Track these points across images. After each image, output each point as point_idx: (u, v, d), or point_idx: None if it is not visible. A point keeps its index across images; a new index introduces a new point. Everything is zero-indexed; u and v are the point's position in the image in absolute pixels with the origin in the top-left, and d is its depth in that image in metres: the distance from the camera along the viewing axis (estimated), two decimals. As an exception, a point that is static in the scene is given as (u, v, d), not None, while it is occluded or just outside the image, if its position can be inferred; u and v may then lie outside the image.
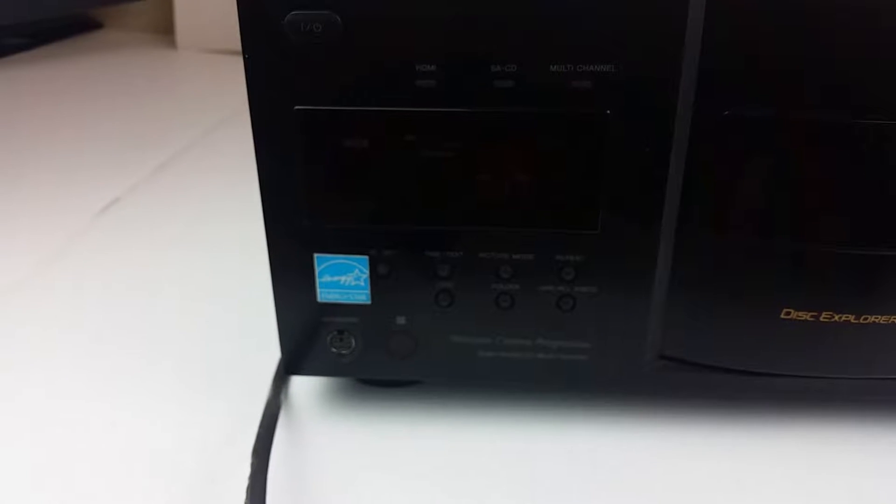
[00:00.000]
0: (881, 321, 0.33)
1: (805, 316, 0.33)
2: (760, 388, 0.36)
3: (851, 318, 0.33)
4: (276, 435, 0.36)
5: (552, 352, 0.35)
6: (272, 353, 0.40)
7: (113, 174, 0.72)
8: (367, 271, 0.34)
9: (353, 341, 0.36)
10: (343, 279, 0.35)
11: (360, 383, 0.41)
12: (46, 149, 0.78)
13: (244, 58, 0.30)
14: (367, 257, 0.34)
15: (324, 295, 0.35)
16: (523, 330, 0.35)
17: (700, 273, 0.34)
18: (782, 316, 0.34)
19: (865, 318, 0.33)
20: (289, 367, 0.37)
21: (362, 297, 0.35)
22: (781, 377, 0.35)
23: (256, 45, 0.30)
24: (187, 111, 0.93)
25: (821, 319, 0.33)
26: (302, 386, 0.41)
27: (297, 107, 0.31)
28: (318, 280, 0.35)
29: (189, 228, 0.61)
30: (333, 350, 0.36)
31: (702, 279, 0.34)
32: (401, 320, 0.35)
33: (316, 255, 0.34)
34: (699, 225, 0.33)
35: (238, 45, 0.30)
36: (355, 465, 0.36)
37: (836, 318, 0.33)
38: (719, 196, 0.32)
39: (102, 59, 1.14)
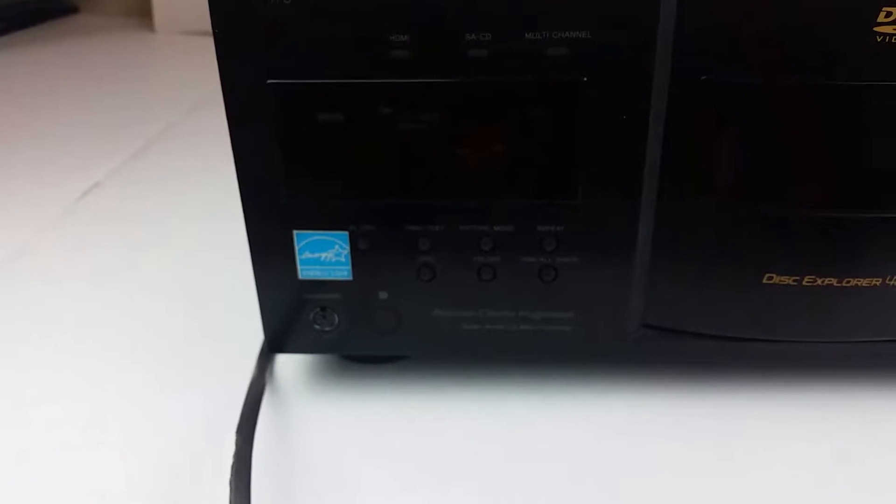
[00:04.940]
0: (863, 284, 0.33)
1: (787, 280, 0.33)
2: (744, 354, 0.36)
3: (834, 281, 0.33)
4: (261, 414, 0.35)
5: (535, 323, 0.35)
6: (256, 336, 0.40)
7: (92, 159, 0.71)
8: (348, 247, 0.34)
9: (335, 318, 0.36)
10: (324, 255, 0.34)
11: (345, 360, 0.41)
12: (24, 134, 0.77)
13: (213, 32, 0.30)
14: (346, 233, 0.34)
15: (305, 272, 0.35)
16: (506, 302, 0.35)
17: (681, 240, 0.33)
18: (765, 281, 0.34)
19: (847, 282, 0.33)
20: (272, 345, 0.37)
21: (344, 273, 0.35)
22: (764, 342, 0.35)
23: (226, 18, 0.29)
24: (167, 93, 0.92)
25: (803, 284, 0.33)
26: (287, 364, 0.41)
27: (269, 80, 0.31)
28: (298, 257, 0.34)
29: (171, 211, 0.60)
30: (316, 327, 0.36)
31: (683, 246, 0.34)
32: (383, 295, 0.35)
33: (295, 231, 0.34)
34: (679, 191, 0.32)
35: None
36: (341, 444, 0.36)
37: (819, 282, 0.33)
38: (698, 161, 0.32)
39: (79, 43, 1.12)
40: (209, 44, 0.30)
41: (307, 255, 0.34)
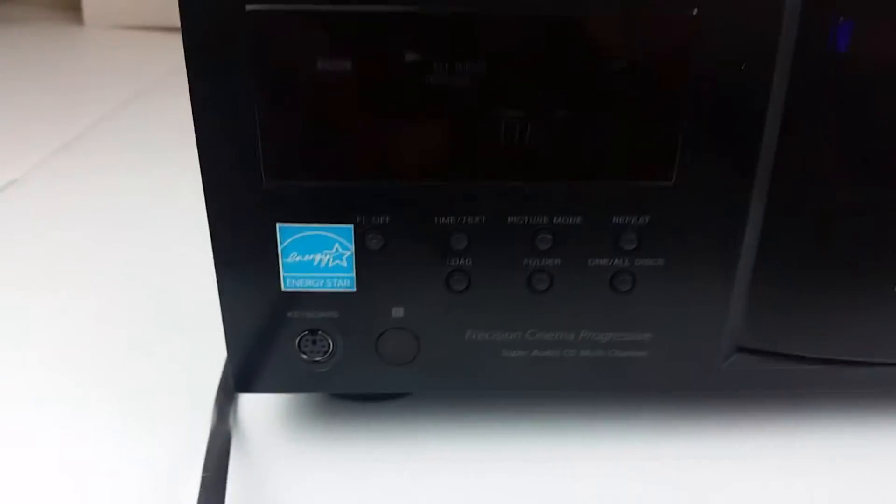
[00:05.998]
0: None
1: (925, 288, 0.26)
2: (864, 381, 0.28)
3: (983, 289, 0.26)
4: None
5: (601, 347, 0.27)
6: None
7: (11, 154, 0.61)
8: (352, 246, 0.25)
9: (330, 344, 0.26)
10: (317, 258, 0.25)
11: (333, 396, 0.31)
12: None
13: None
14: (351, 226, 0.24)
15: (290, 281, 0.25)
16: (565, 320, 0.26)
17: (798, 237, 0.25)
18: (897, 290, 0.26)
19: None
20: (240, 382, 0.27)
21: (345, 282, 0.25)
22: (881, 366, 0.28)
23: None
24: (94, 89, 0.82)
25: (944, 292, 0.26)
26: (254, 402, 0.31)
27: (249, 7, 0.21)
28: (281, 261, 0.25)
29: (92, 212, 0.50)
30: (304, 357, 0.27)
31: (800, 245, 0.26)
32: (398, 313, 0.26)
33: (279, 225, 0.24)
34: (801, 175, 0.24)
35: (147, 21, 0.21)
36: (339, 513, 0.26)
37: (964, 290, 0.26)
38: (828, 137, 0.24)
39: (3, 34, 1.01)
40: (140, 38, 0.21)
41: (294, 257, 0.25)
